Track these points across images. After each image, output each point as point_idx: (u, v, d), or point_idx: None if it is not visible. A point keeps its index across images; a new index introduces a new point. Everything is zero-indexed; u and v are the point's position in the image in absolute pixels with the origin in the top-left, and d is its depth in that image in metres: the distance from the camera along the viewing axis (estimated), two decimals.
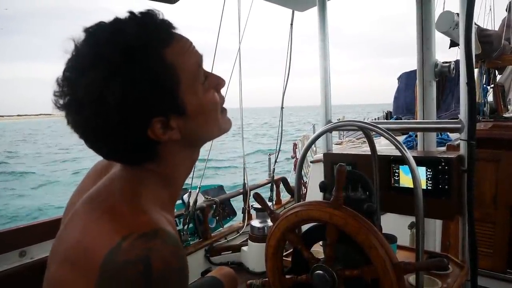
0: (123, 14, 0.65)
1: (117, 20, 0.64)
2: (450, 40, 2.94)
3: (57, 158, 26.20)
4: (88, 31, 0.63)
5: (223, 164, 18.56)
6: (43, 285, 0.68)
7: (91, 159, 0.76)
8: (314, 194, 3.08)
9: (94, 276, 0.56)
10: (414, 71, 1.67)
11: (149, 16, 0.65)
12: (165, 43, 0.64)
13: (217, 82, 0.74)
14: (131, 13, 0.64)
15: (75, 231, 0.63)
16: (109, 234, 0.58)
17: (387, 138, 1.11)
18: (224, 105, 0.77)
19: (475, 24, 2.89)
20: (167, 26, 0.66)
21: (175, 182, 0.74)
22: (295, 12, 2.69)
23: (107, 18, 0.64)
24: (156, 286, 0.55)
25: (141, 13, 0.64)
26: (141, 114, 0.62)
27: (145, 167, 0.69)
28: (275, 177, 3.64)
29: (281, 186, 3.83)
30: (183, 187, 0.98)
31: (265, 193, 3.46)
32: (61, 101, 0.63)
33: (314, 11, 1.78)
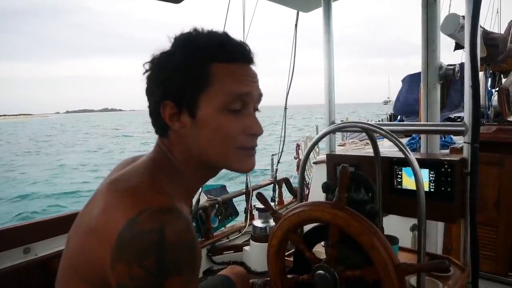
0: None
1: (199, 32, 0.76)
2: (455, 42, 2.94)
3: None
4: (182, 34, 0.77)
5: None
6: (61, 260, 0.76)
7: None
8: (316, 195, 3.08)
9: (112, 244, 0.61)
10: (418, 74, 1.67)
11: (222, 39, 0.75)
12: (220, 59, 0.73)
13: (249, 125, 0.75)
14: (216, 31, 0.76)
15: (98, 206, 0.69)
16: (128, 207, 0.63)
17: (390, 140, 1.11)
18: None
19: (481, 27, 2.88)
20: (236, 49, 0.75)
21: (189, 180, 0.79)
22: (300, 13, 2.70)
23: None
24: (168, 257, 0.59)
25: (216, 34, 0.76)
26: (163, 89, 0.73)
27: (166, 160, 0.77)
28: (278, 178, 3.64)
29: (284, 186, 3.83)
30: None
31: (267, 193, 3.47)
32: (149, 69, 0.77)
33: (318, 12, 1.79)
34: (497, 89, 3.86)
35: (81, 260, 0.69)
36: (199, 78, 0.72)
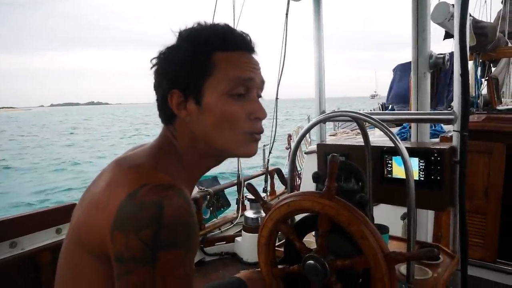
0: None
1: (202, 25, 0.80)
2: (445, 31, 2.94)
3: None
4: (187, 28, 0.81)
5: None
6: (67, 233, 0.78)
7: None
8: (308, 185, 3.09)
9: (112, 214, 0.64)
10: (409, 63, 1.67)
11: (224, 29, 0.79)
12: (222, 49, 0.77)
13: (252, 110, 0.78)
14: (218, 24, 0.80)
15: (103, 181, 0.73)
16: (131, 182, 0.67)
17: (380, 129, 1.11)
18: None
19: (470, 15, 2.89)
20: (237, 39, 0.79)
21: (191, 169, 0.82)
22: (291, 2, 2.67)
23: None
24: (165, 231, 0.61)
25: (218, 25, 0.80)
26: (170, 80, 0.78)
27: (171, 146, 0.80)
28: (270, 168, 3.64)
29: (276, 177, 3.84)
30: None
31: (259, 184, 3.48)
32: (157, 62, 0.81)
33: (309, 1, 1.77)
34: (486, 78, 3.88)
35: (84, 231, 0.72)
36: (203, 67, 0.76)
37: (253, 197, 1.14)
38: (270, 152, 3.54)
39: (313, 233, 1.21)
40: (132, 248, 0.61)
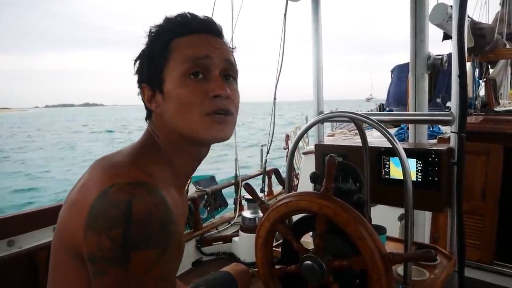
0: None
1: (166, 17, 0.80)
2: (444, 33, 2.94)
3: None
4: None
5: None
6: (54, 234, 0.77)
7: None
8: (305, 185, 3.09)
9: (85, 214, 0.63)
10: (407, 64, 1.67)
11: (182, 16, 0.78)
12: (179, 35, 0.76)
13: (211, 87, 0.74)
14: (174, 15, 0.80)
15: (81, 182, 0.73)
16: (103, 181, 0.65)
17: (378, 130, 1.11)
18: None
19: (469, 17, 2.89)
20: (194, 22, 0.77)
21: (175, 164, 0.80)
22: (290, 3, 2.67)
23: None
24: (135, 229, 0.59)
25: (178, 14, 0.79)
26: (139, 76, 0.80)
27: (152, 141, 0.79)
28: (267, 168, 3.64)
29: (273, 177, 3.83)
30: None
31: (257, 184, 3.47)
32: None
33: (307, 1, 1.77)
34: (484, 79, 3.89)
35: (64, 232, 0.71)
36: (161, 56, 0.76)
37: (250, 197, 1.13)
38: (268, 152, 3.54)
39: (311, 233, 1.20)
40: (103, 247, 0.59)
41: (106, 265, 0.59)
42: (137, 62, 0.81)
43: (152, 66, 0.77)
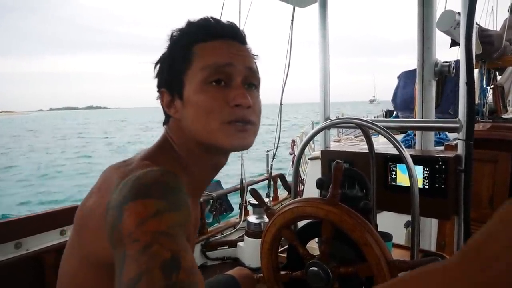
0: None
1: (188, 21, 0.79)
2: (451, 39, 2.94)
3: None
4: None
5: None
6: (70, 236, 0.77)
7: None
8: (311, 191, 3.08)
9: (104, 212, 0.61)
10: (414, 70, 1.67)
11: (205, 21, 0.77)
12: (202, 40, 0.75)
13: (233, 96, 0.72)
14: (202, 18, 0.78)
15: (97, 185, 0.73)
16: (119, 179, 0.65)
17: (384, 136, 1.11)
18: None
19: (476, 24, 2.88)
20: (217, 28, 0.76)
21: (191, 172, 0.79)
22: (296, 8, 2.68)
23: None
24: (142, 182, 0.59)
25: (201, 18, 0.78)
26: (158, 80, 0.80)
27: (169, 146, 0.78)
28: (273, 174, 3.64)
29: (279, 182, 3.83)
30: None
31: (263, 189, 3.47)
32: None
33: (315, 7, 1.78)
34: (492, 86, 3.87)
35: (81, 235, 0.71)
36: (183, 61, 0.75)
37: (256, 202, 1.14)
38: (273, 157, 3.54)
39: (316, 239, 1.20)
40: (125, 223, 0.54)
41: (128, 239, 0.53)
42: (157, 66, 0.80)
43: (172, 71, 0.76)
